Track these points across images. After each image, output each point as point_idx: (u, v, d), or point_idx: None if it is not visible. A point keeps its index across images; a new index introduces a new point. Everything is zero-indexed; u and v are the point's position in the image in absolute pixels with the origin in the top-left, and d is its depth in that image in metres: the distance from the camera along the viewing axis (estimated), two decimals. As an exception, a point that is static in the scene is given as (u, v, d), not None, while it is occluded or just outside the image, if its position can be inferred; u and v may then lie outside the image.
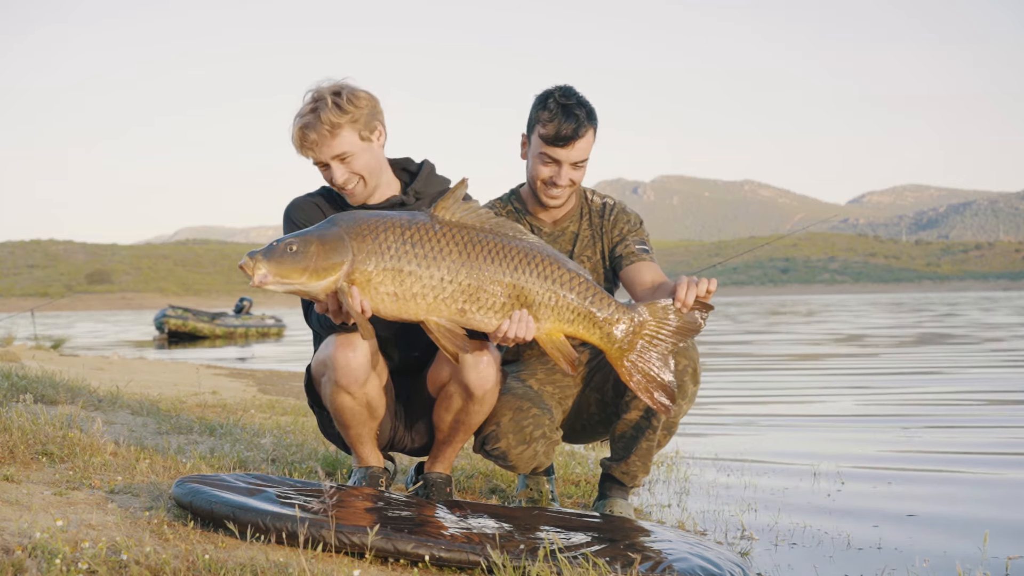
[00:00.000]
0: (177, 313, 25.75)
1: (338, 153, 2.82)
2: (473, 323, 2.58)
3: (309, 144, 2.81)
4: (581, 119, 3.03)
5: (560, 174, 3.08)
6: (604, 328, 2.63)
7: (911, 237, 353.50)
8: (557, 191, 3.12)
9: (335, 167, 2.83)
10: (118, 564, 2.09)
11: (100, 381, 6.99)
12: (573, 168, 3.09)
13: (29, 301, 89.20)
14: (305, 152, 2.83)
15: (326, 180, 2.90)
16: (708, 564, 2.43)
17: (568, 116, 3.02)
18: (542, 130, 3.05)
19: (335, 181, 2.85)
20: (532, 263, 2.58)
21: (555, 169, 3.08)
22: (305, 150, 2.83)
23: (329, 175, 2.86)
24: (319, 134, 2.79)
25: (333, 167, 2.83)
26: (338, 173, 2.84)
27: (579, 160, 3.08)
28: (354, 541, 2.33)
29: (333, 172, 2.84)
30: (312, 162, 2.86)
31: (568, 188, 3.12)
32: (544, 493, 3.39)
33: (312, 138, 2.79)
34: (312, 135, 2.79)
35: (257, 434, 4.60)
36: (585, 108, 3.06)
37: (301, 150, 2.84)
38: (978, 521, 3.33)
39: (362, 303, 2.49)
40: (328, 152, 2.81)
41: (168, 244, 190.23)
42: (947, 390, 8.24)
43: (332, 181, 2.87)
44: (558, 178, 3.09)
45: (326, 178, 2.89)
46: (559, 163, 3.07)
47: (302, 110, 2.83)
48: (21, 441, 3.16)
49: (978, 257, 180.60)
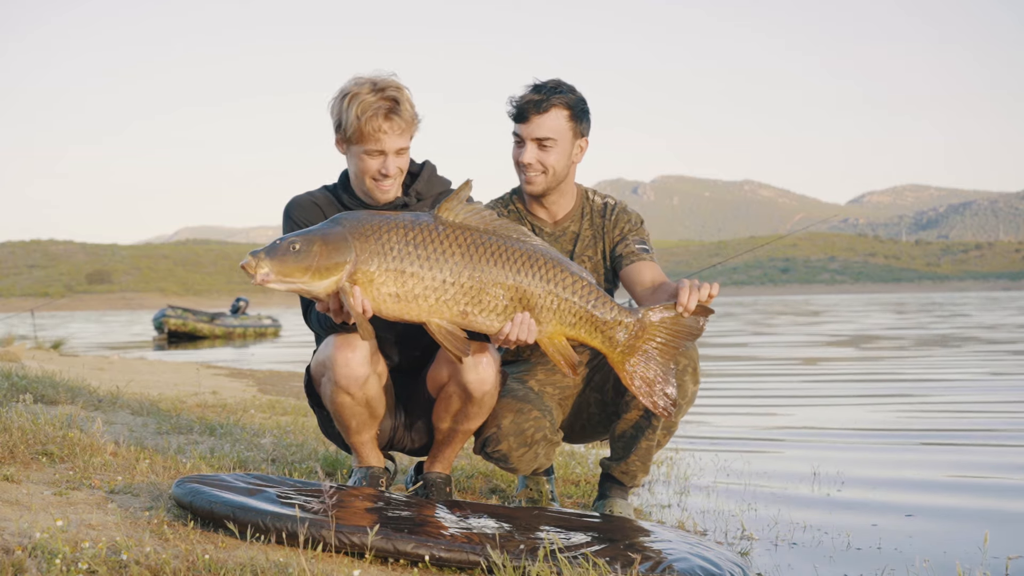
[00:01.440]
0: (177, 313, 25.78)
1: (401, 147, 2.86)
2: (475, 325, 2.58)
3: (383, 130, 2.81)
4: (544, 94, 3.03)
5: (523, 152, 3.06)
6: (606, 332, 2.63)
7: (911, 237, 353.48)
8: (531, 173, 3.09)
9: (391, 159, 2.85)
10: (118, 564, 2.09)
11: (100, 381, 6.99)
12: (540, 148, 3.06)
13: (29, 301, 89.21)
14: (373, 131, 2.80)
15: (366, 168, 2.86)
16: (708, 564, 2.43)
17: (533, 90, 3.05)
18: (509, 108, 3.08)
19: (387, 171, 2.85)
20: (535, 266, 2.58)
21: (521, 148, 3.08)
22: (375, 131, 2.80)
23: (379, 164, 2.85)
24: (397, 125, 2.82)
25: (390, 158, 2.85)
26: (392, 164, 2.86)
27: (542, 137, 3.04)
28: (354, 541, 2.33)
29: (388, 162, 2.85)
30: (363, 145, 2.82)
31: (540, 171, 3.08)
32: (544, 493, 3.39)
33: (391, 122, 2.81)
34: (393, 119, 2.81)
35: (257, 434, 4.60)
36: (556, 88, 3.06)
37: (368, 128, 2.79)
38: (978, 521, 3.33)
39: (363, 303, 2.49)
40: (395, 144, 2.84)
41: (168, 244, 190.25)
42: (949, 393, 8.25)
43: (381, 170, 2.86)
44: (521, 156, 3.07)
45: (369, 167, 2.86)
46: (523, 141, 3.07)
47: (375, 91, 2.81)
48: (21, 441, 3.16)
49: (978, 257, 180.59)
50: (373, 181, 2.89)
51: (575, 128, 3.11)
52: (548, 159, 3.07)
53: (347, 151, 2.92)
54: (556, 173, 3.11)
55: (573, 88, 3.11)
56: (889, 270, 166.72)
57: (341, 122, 2.85)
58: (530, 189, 3.13)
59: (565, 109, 3.06)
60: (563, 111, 3.06)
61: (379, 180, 2.88)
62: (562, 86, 3.08)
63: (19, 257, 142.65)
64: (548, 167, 3.08)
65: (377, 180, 2.88)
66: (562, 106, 3.05)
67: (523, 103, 3.04)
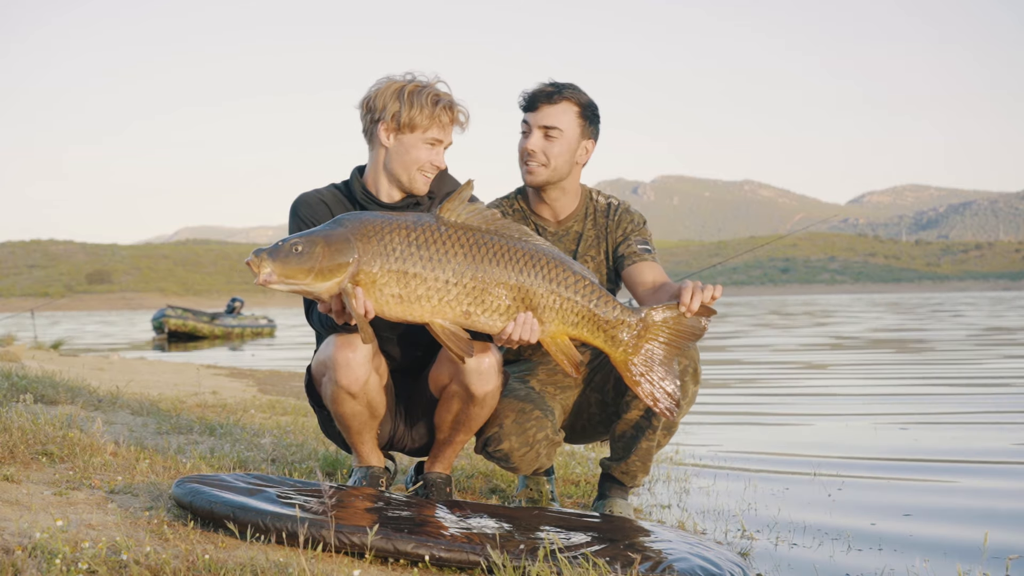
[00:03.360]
0: (177, 313, 25.87)
1: (449, 142, 2.96)
2: (478, 325, 2.58)
3: (450, 119, 2.91)
4: (557, 87, 3.10)
5: (529, 140, 3.09)
6: (608, 331, 2.63)
7: (911, 237, 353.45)
8: (533, 163, 3.11)
9: (441, 151, 2.94)
10: (118, 564, 2.09)
11: (100, 381, 6.99)
12: (545, 137, 3.08)
13: (29, 301, 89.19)
14: (437, 119, 2.88)
15: (419, 157, 2.91)
16: (708, 564, 2.43)
17: (540, 83, 3.13)
18: (519, 99, 3.14)
19: (438, 162, 2.93)
20: (537, 265, 2.58)
21: (528, 137, 3.11)
22: (443, 124, 2.90)
23: (433, 154, 2.92)
24: (459, 118, 2.94)
25: (440, 150, 2.94)
26: (441, 157, 2.95)
27: (548, 126, 3.07)
28: (354, 541, 2.33)
29: (439, 154, 2.93)
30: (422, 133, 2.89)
31: (541, 162, 3.10)
32: (544, 493, 3.39)
33: (450, 118, 2.91)
34: (459, 117, 2.93)
35: (257, 434, 4.60)
36: (569, 85, 3.13)
37: (435, 116, 2.88)
38: (978, 521, 3.33)
39: (365, 305, 2.49)
40: (449, 135, 2.95)
41: (168, 244, 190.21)
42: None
43: (433, 159, 2.92)
44: (526, 143, 3.10)
45: (423, 156, 2.91)
46: (530, 129, 3.10)
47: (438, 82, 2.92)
48: (21, 441, 3.16)
49: (978, 257, 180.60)
50: (421, 172, 2.93)
51: (583, 127, 3.13)
52: (552, 150, 3.09)
53: (396, 139, 2.92)
54: (558, 168, 3.11)
55: (586, 93, 3.16)
56: (889, 270, 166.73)
57: (400, 110, 2.88)
58: (530, 179, 3.14)
59: (576, 105, 3.11)
60: (573, 106, 3.10)
61: (428, 172, 2.94)
62: (576, 86, 3.14)
63: (19, 257, 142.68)
64: (551, 158, 3.09)
65: (426, 172, 2.94)
66: (573, 102, 3.10)
67: (535, 91, 3.11)
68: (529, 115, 3.11)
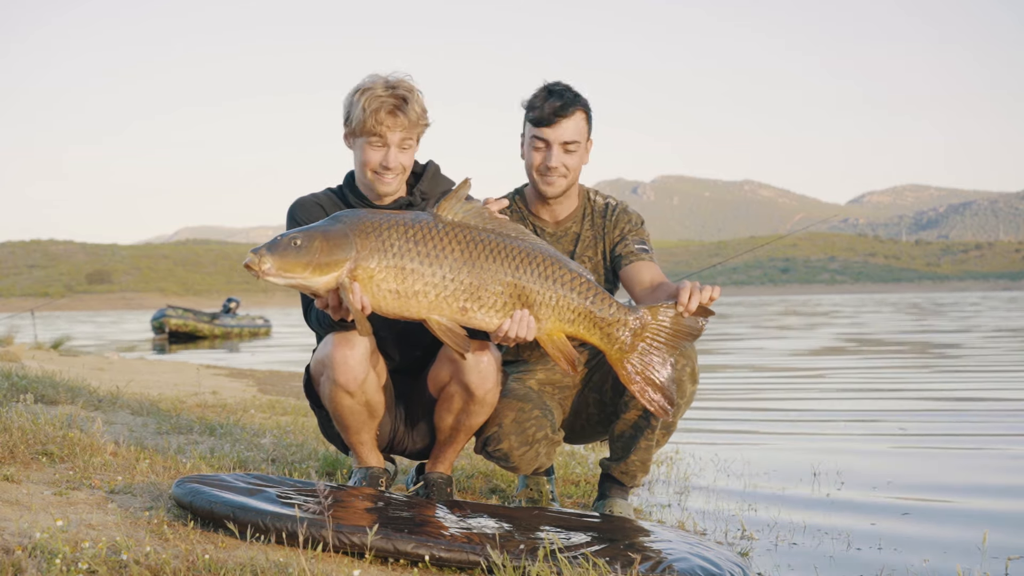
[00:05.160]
0: (178, 313, 26.08)
1: (405, 138, 2.91)
2: (474, 322, 2.59)
3: (388, 121, 2.86)
4: (568, 98, 3.09)
5: (551, 156, 3.10)
6: (605, 329, 2.64)
7: (911, 237, 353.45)
8: (553, 177, 3.12)
9: (394, 150, 2.90)
10: (118, 564, 2.09)
11: (100, 381, 6.99)
12: (564, 152, 3.10)
13: (29, 301, 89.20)
14: (376, 124, 2.86)
15: (368, 159, 2.90)
16: (708, 564, 2.43)
17: (552, 95, 3.10)
18: (531, 113, 3.12)
19: (388, 162, 2.89)
20: (534, 263, 2.59)
21: (546, 152, 3.11)
22: (378, 123, 2.86)
23: (380, 155, 2.89)
24: (404, 117, 2.88)
25: (392, 150, 2.89)
26: (393, 156, 2.90)
27: (568, 141, 3.09)
28: (354, 541, 2.33)
29: (390, 153, 2.89)
30: (366, 136, 2.88)
31: (562, 174, 3.12)
32: (544, 493, 3.39)
33: (395, 118, 2.87)
34: (398, 115, 2.87)
35: (257, 434, 4.60)
36: (572, 92, 3.12)
37: (372, 121, 2.85)
38: (977, 521, 3.33)
39: (363, 300, 2.50)
40: (398, 136, 2.89)
41: (168, 244, 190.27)
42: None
43: (382, 161, 2.89)
44: (548, 160, 3.10)
45: (371, 159, 2.90)
46: (549, 145, 3.10)
47: (386, 88, 2.88)
48: (21, 441, 3.16)
49: (978, 257, 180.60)
50: (375, 174, 2.92)
51: (588, 130, 3.18)
52: (571, 162, 3.13)
53: (353, 144, 2.96)
54: (575, 176, 3.17)
55: (580, 91, 3.17)
56: (889, 270, 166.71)
57: (349, 114, 2.91)
58: (551, 192, 3.16)
59: (583, 112, 3.14)
60: (582, 114, 3.13)
61: (380, 173, 2.92)
62: (576, 91, 3.14)
63: (19, 257, 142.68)
64: (571, 170, 3.14)
65: (379, 173, 2.91)
66: (582, 109, 3.13)
67: (551, 108, 3.08)
68: (546, 131, 3.09)
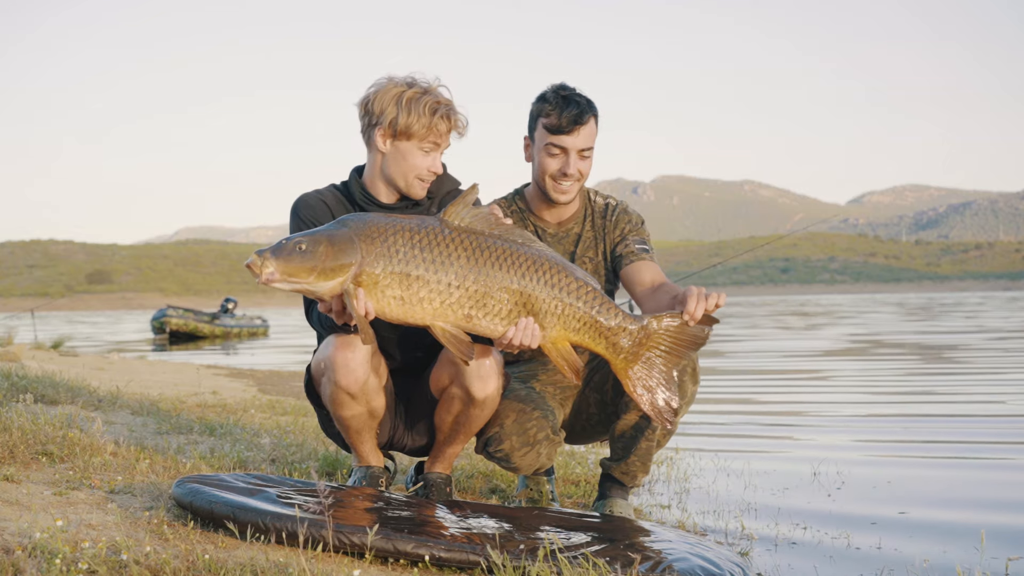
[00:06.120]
0: (179, 313, 26.18)
1: (446, 146, 2.95)
2: (479, 329, 2.58)
3: (449, 126, 2.90)
4: (583, 105, 3.08)
5: (568, 163, 3.09)
6: (610, 338, 2.63)
7: (911, 237, 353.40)
8: (567, 183, 3.12)
9: (438, 157, 2.94)
10: (118, 564, 2.09)
11: (100, 381, 6.99)
12: (580, 158, 3.10)
13: (29, 301, 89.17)
14: (435, 128, 2.87)
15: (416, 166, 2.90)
16: (708, 564, 2.43)
17: (569, 103, 3.07)
18: (546, 120, 3.08)
19: (436, 168, 2.93)
20: (540, 270, 2.58)
21: (563, 159, 3.10)
22: (437, 128, 2.88)
23: (429, 161, 2.91)
24: (458, 126, 2.93)
25: (437, 156, 2.93)
26: (438, 162, 2.94)
27: (584, 148, 3.10)
28: (354, 541, 2.33)
29: (436, 160, 2.93)
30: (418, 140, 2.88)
31: (577, 181, 3.13)
32: (544, 493, 3.39)
33: (451, 125, 2.91)
34: (455, 123, 2.92)
35: (257, 434, 4.60)
36: (585, 98, 3.12)
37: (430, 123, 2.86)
38: (977, 522, 3.33)
39: (366, 306, 2.49)
40: (446, 141, 2.94)
41: (168, 244, 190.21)
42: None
43: (430, 167, 2.92)
44: (567, 167, 3.09)
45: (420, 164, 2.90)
46: (566, 152, 3.08)
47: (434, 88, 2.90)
48: (21, 441, 3.16)
49: (978, 257, 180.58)
50: (418, 179, 2.93)
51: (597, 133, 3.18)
52: (585, 167, 3.14)
53: (391, 147, 2.91)
54: (585, 179, 3.19)
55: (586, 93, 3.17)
56: (889, 270, 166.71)
57: (397, 117, 2.86)
58: (565, 199, 3.16)
59: (595, 118, 3.14)
60: (594, 120, 3.13)
61: (425, 178, 2.93)
62: (587, 97, 3.13)
63: (19, 257, 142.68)
64: (584, 176, 3.15)
65: (423, 179, 2.93)
66: (594, 115, 3.13)
67: (569, 117, 3.06)
68: (565, 139, 3.07)
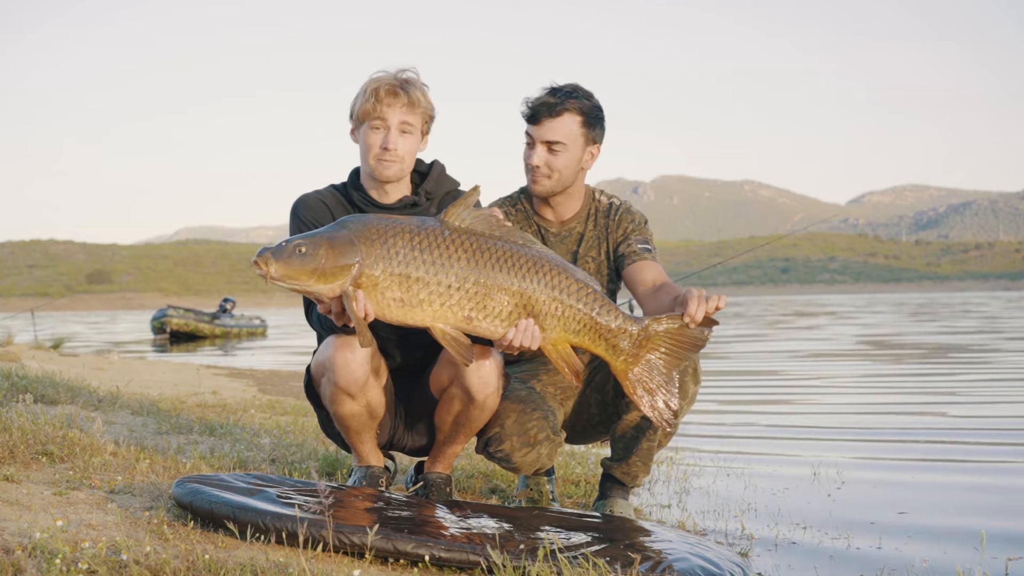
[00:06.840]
0: (179, 313, 26.26)
1: (406, 121, 2.90)
2: (479, 331, 2.58)
3: (389, 101, 2.88)
4: (558, 98, 3.05)
5: (532, 154, 3.08)
6: (610, 340, 2.62)
7: (911, 237, 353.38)
8: (535, 175, 3.10)
9: (394, 132, 2.89)
10: (118, 564, 2.09)
11: (100, 381, 6.99)
12: (548, 151, 3.07)
13: (29, 301, 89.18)
14: (377, 105, 2.87)
15: (370, 143, 2.90)
16: (708, 564, 2.43)
17: (547, 94, 3.07)
18: (522, 108, 3.10)
19: (387, 144, 2.88)
20: (540, 272, 2.57)
21: (529, 150, 3.10)
22: (379, 103, 2.87)
23: (380, 137, 2.89)
24: (405, 96, 2.89)
25: (392, 131, 2.89)
26: (393, 138, 2.89)
27: (552, 141, 3.06)
28: (354, 541, 2.33)
29: (390, 135, 2.89)
30: (368, 120, 2.89)
31: (545, 174, 3.09)
32: (544, 493, 3.39)
33: (395, 97, 2.88)
34: (399, 94, 2.89)
35: (257, 434, 4.60)
36: (570, 92, 3.07)
37: (373, 100, 2.87)
38: (977, 522, 3.33)
39: (366, 308, 2.49)
40: (399, 116, 2.89)
41: (168, 244, 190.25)
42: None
43: (383, 143, 2.89)
44: (530, 158, 3.08)
45: (373, 142, 2.90)
46: (535, 142, 3.08)
47: (392, 73, 2.93)
48: (21, 441, 3.16)
49: (978, 257, 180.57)
50: (377, 159, 2.90)
51: (587, 134, 3.11)
52: (556, 163, 3.08)
53: (358, 137, 2.96)
54: (563, 178, 3.12)
55: (590, 95, 3.12)
56: (889, 270, 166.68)
57: (354, 105, 2.93)
58: (536, 190, 3.15)
59: (578, 115, 3.07)
60: (576, 116, 3.07)
61: (382, 156, 2.90)
62: (578, 91, 3.09)
63: (19, 257, 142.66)
64: (555, 171, 3.09)
65: (380, 157, 2.90)
66: (575, 111, 3.06)
67: (537, 105, 3.06)
68: (532, 128, 3.08)
